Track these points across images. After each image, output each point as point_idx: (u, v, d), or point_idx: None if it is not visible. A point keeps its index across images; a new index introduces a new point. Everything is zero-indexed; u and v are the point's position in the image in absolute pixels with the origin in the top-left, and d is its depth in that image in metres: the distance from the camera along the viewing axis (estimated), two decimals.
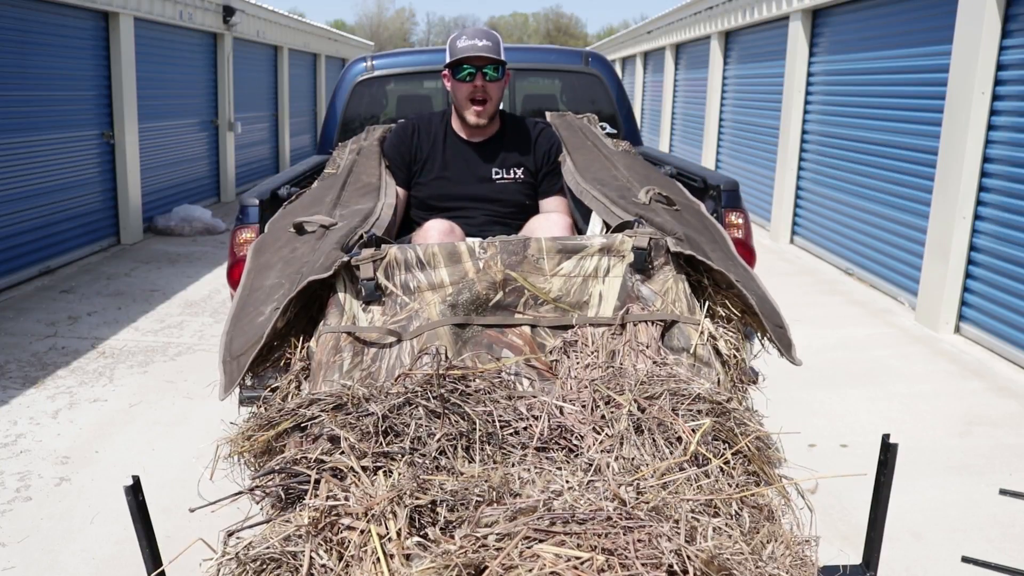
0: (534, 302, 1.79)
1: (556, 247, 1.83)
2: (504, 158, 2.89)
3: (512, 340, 1.73)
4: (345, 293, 1.76)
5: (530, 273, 1.80)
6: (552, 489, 1.23)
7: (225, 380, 1.70)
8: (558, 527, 1.09)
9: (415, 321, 1.73)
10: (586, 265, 1.83)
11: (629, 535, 1.06)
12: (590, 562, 1.01)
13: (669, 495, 1.20)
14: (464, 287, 1.77)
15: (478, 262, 1.80)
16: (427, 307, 1.75)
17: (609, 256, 1.85)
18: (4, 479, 3.44)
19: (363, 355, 1.67)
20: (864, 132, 7.21)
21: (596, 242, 1.84)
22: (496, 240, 1.83)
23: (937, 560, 2.87)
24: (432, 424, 1.40)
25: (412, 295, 1.77)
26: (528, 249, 1.82)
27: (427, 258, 1.78)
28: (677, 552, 1.03)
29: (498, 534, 1.09)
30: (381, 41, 53.89)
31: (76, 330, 5.44)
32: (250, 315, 1.83)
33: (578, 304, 1.80)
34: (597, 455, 1.37)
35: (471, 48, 2.68)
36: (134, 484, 1.41)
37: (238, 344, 1.75)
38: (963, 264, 5.43)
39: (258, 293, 1.93)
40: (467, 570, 1.01)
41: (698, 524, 1.12)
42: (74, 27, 7.60)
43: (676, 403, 1.51)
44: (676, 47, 14.83)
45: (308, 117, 16.63)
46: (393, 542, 1.11)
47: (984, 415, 4.13)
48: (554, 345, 1.74)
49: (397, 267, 1.78)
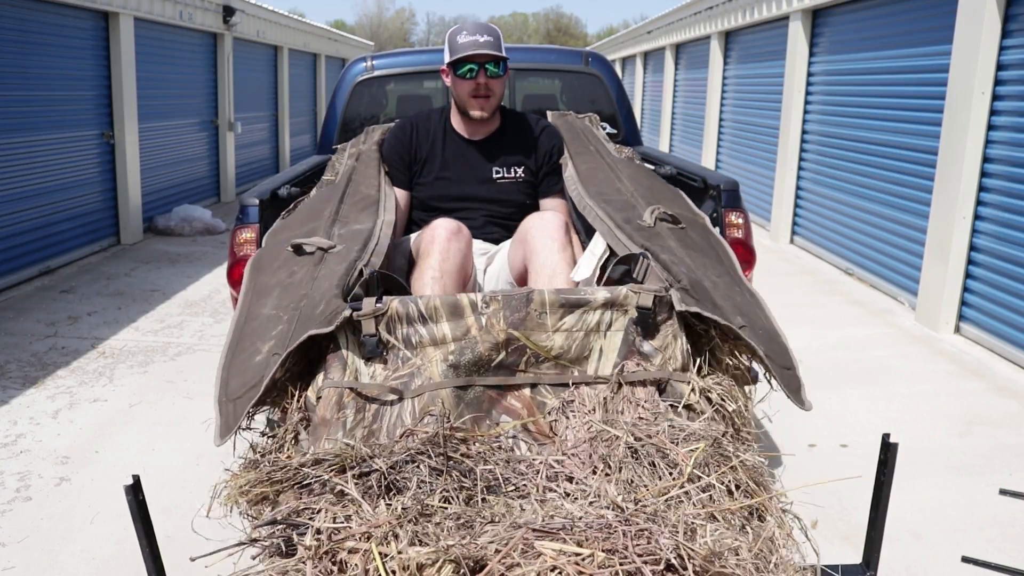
0: (535, 360, 1.77)
1: (559, 301, 1.78)
2: (505, 157, 2.87)
3: (511, 404, 1.72)
4: (347, 349, 1.73)
5: (532, 331, 1.77)
6: (554, 514, 1.24)
7: (222, 423, 1.66)
8: (558, 533, 1.09)
9: (417, 379, 1.71)
10: (589, 319, 1.79)
11: (628, 536, 1.06)
12: (591, 558, 1.01)
13: (667, 509, 1.21)
14: (467, 347, 1.74)
15: (480, 318, 1.76)
16: (429, 364, 1.72)
17: (612, 310, 1.80)
18: (4, 479, 3.44)
19: (365, 411, 1.66)
20: (864, 132, 7.21)
21: (600, 297, 1.79)
22: (499, 295, 1.78)
23: (937, 560, 2.87)
24: (435, 481, 1.41)
25: (414, 350, 1.74)
26: (531, 304, 1.77)
27: (429, 312, 1.74)
28: (676, 549, 1.03)
29: (501, 539, 1.09)
30: (381, 41, 53.87)
31: (76, 330, 5.44)
32: (247, 351, 1.80)
33: (578, 359, 1.78)
34: (596, 483, 1.38)
35: (472, 44, 2.65)
36: (134, 484, 1.41)
37: (235, 385, 1.72)
38: (963, 264, 5.43)
39: (255, 324, 1.90)
40: (466, 562, 1.01)
41: (697, 527, 1.13)
42: (74, 27, 7.60)
43: (673, 436, 1.52)
44: (676, 47, 14.83)
45: (308, 117, 16.63)
46: (395, 559, 1.11)
47: (984, 415, 4.13)
48: (553, 406, 1.73)
49: (399, 321, 1.75)
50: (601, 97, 4.16)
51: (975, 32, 5.20)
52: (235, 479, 1.50)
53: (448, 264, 2.29)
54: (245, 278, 2.17)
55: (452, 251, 2.32)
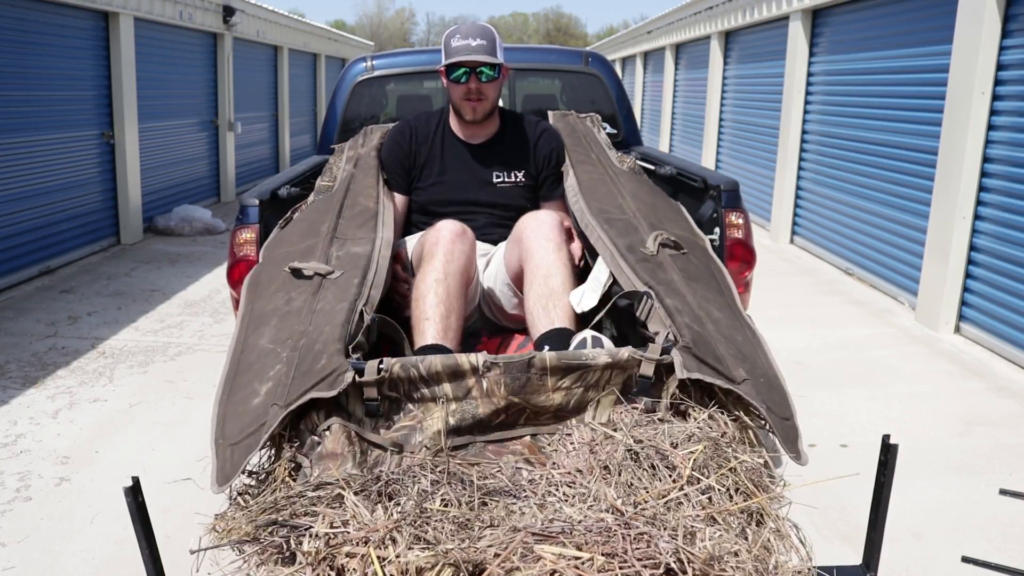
0: (535, 415, 1.78)
1: (561, 366, 1.76)
2: (504, 160, 2.86)
3: (513, 447, 1.74)
4: (349, 405, 1.74)
5: (532, 394, 1.76)
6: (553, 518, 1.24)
7: (218, 469, 1.64)
8: (557, 536, 1.09)
9: (418, 434, 1.72)
10: (589, 378, 1.78)
11: (628, 540, 1.06)
12: (590, 562, 1.01)
13: (667, 511, 1.21)
14: (468, 409, 1.75)
15: (482, 381, 1.75)
16: (431, 420, 1.74)
17: (612, 371, 1.78)
18: (4, 479, 3.44)
19: (368, 456, 1.67)
20: (864, 132, 7.21)
21: (601, 361, 1.77)
22: (500, 361, 1.76)
23: (937, 560, 2.87)
24: (434, 489, 1.41)
25: (416, 404, 1.76)
26: (532, 369, 1.76)
27: (430, 375, 1.74)
28: (676, 553, 1.03)
29: (500, 543, 1.09)
30: (381, 41, 53.87)
31: (76, 330, 5.44)
32: (244, 389, 1.80)
33: (577, 410, 1.78)
34: (595, 485, 1.37)
35: (465, 49, 2.64)
36: (134, 485, 1.40)
37: (232, 428, 1.71)
38: (963, 264, 5.43)
39: (251, 356, 1.89)
40: (466, 565, 1.01)
41: (697, 530, 1.12)
42: (74, 27, 7.60)
43: (672, 437, 1.52)
44: (676, 47, 14.83)
45: (308, 117, 16.63)
46: (393, 564, 1.11)
47: (984, 415, 4.13)
48: (551, 439, 1.75)
49: (400, 383, 1.75)
50: (601, 97, 4.15)
51: (975, 32, 5.20)
52: (220, 522, 1.48)
53: (452, 266, 2.28)
54: (243, 298, 2.15)
55: (456, 253, 2.31)
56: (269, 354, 1.85)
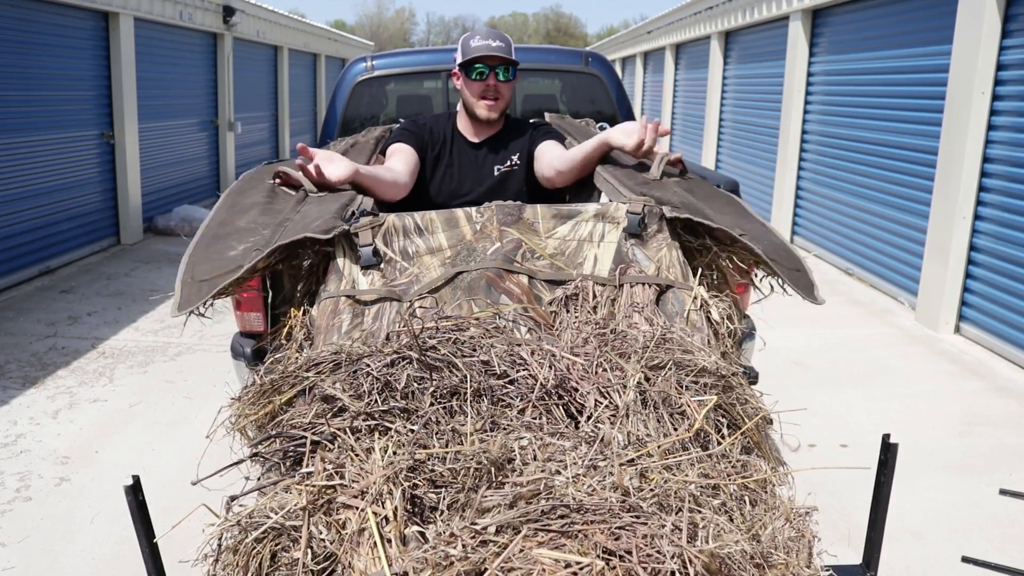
0: (531, 255, 1.82)
1: (551, 212, 1.86)
2: (504, 154, 2.92)
3: (510, 287, 1.73)
4: (344, 259, 1.76)
5: (526, 233, 1.84)
6: (552, 468, 1.20)
7: (181, 299, 1.66)
8: (557, 522, 1.08)
9: (415, 285, 1.74)
10: (581, 230, 1.86)
11: (631, 538, 1.06)
12: (590, 568, 1.00)
13: (672, 480, 1.18)
14: (462, 249, 1.80)
15: (475, 225, 1.83)
16: (426, 271, 1.77)
17: (604, 222, 1.87)
18: (4, 479, 3.44)
19: (363, 316, 1.67)
20: (864, 132, 7.21)
21: (591, 208, 1.87)
22: (492, 204, 1.86)
23: (937, 560, 2.87)
24: (424, 380, 1.36)
25: (411, 260, 1.79)
26: (524, 212, 1.86)
27: (425, 224, 1.80)
28: (679, 554, 1.03)
29: (497, 524, 1.08)
30: (381, 41, 53.89)
31: (76, 330, 5.44)
32: (219, 248, 1.79)
33: (573, 264, 1.82)
34: (600, 426, 1.32)
35: (485, 48, 2.70)
36: (134, 484, 1.40)
37: (202, 270, 1.71)
38: (963, 264, 5.43)
39: (228, 228, 1.88)
40: (465, 570, 1.01)
41: (700, 518, 1.11)
42: (74, 27, 7.60)
43: (681, 376, 1.45)
44: (676, 47, 14.83)
45: (308, 117, 16.63)
46: (390, 524, 1.11)
47: (984, 415, 4.13)
48: (553, 297, 1.74)
49: (395, 234, 1.79)
50: (601, 97, 4.16)
51: (975, 32, 5.20)
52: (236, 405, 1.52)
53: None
54: (222, 197, 2.15)
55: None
56: (248, 230, 1.85)
